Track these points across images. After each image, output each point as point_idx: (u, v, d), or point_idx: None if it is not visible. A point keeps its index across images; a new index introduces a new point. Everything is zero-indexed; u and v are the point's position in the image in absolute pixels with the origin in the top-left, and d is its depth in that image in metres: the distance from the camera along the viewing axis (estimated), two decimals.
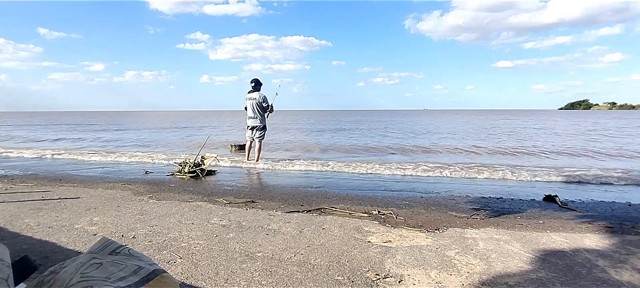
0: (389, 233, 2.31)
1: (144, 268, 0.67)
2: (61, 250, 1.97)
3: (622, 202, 3.42)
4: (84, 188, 3.72)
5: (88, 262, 0.65)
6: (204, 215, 2.71)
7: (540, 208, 3.14)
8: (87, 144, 10.51)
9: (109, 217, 2.64)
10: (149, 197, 3.32)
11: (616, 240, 2.21)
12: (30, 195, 3.36)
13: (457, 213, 2.92)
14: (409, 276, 1.69)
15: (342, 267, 1.78)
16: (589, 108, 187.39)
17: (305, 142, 10.77)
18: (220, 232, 2.31)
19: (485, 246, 2.08)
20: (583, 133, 13.96)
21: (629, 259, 1.90)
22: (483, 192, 3.87)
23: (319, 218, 2.65)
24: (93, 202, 3.09)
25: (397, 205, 3.15)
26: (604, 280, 1.65)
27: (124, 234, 2.25)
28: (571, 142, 10.53)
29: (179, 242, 2.11)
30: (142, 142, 10.93)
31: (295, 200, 3.32)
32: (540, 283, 1.62)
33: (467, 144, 10.02)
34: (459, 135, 12.87)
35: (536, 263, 1.84)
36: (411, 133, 14.31)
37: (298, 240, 2.17)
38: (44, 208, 2.85)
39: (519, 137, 12.11)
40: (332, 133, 14.61)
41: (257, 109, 5.87)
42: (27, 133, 14.94)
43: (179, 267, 1.75)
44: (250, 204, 3.10)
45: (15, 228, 2.36)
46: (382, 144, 10.12)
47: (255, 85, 5.92)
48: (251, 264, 1.80)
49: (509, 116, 42.28)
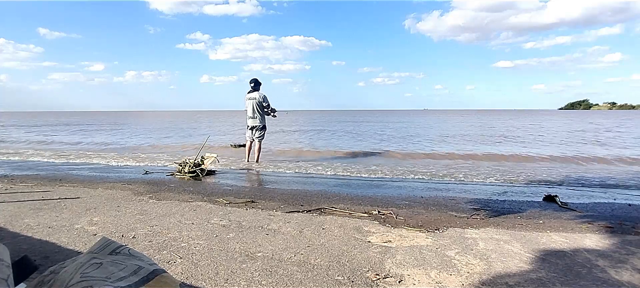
0: (389, 233, 2.31)
1: (144, 268, 0.66)
2: (61, 250, 1.97)
3: (622, 202, 3.42)
4: (84, 188, 3.71)
5: (88, 262, 0.65)
6: (204, 215, 2.71)
7: (540, 208, 3.14)
8: (88, 144, 10.51)
9: (109, 217, 2.64)
10: (149, 197, 3.32)
11: (616, 240, 2.21)
12: (30, 195, 3.36)
13: (457, 213, 2.92)
14: (409, 276, 1.69)
15: (342, 267, 1.78)
16: (589, 108, 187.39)
17: (305, 142, 10.77)
18: (220, 232, 2.31)
19: (485, 246, 2.08)
20: (583, 133, 13.96)
21: (629, 259, 1.90)
22: (483, 192, 3.88)
23: (319, 218, 2.65)
24: (93, 202, 3.09)
25: (397, 205, 3.15)
26: (604, 280, 1.65)
27: (124, 234, 2.25)
28: (571, 141, 10.53)
29: (179, 242, 2.11)
30: (142, 142, 10.93)
31: (295, 200, 3.32)
32: (540, 283, 1.62)
33: (467, 144, 10.02)
34: (458, 136, 12.87)
35: (536, 263, 1.84)
36: (412, 133, 14.31)
37: (298, 240, 2.17)
38: (44, 208, 2.85)
39: (519, 137, 12.11)
40: (332, 133, 14.61)
41: (257, 108, 5.87)
42: (26, 133, 14.94)
43: (179, 267, 1.75)
44: (250, 204, 3.10)
45: (15, 228, 2.35)
46: (383, 145, 10.12)
47: (255, 85, 5.92)
48: (251, 264, 1.80)
49: (509, 116, 42.27)
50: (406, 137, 12.21)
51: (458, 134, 13.74)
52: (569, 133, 14.08)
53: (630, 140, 11.03)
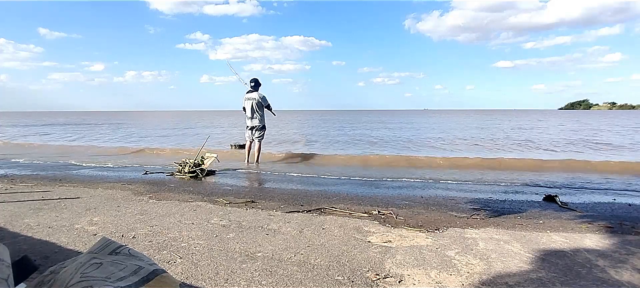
0: (389, 233, 2.31)
1: (144, 268, 0.67)
2: (61, 250, 1.97)
3: (622, 202, 3.42)
4: (84, 188, 3.71)
5: (88, 262, 0.65)
6: (204, 215, 2.71)
7: (540, 208, 3.14)
8: (87, 144, 10.50)
9: (109, 217, 2.64)
10: (149, 197, 3.32)
11: (616, 240, 2.21)
12: (30, 195, 3.36)
13: (457, 213, 2.92)
14: (409, 276, 1.69)
15: (342, 267, 1.78)
16: (589, 108, 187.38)
17: (305, 142, 10.77)
18: (220, 232, 2.31)
19: (485, 246, 2.08)
20: (582, 133, 13.96)
21: (629, 259, 1.90)
22: (483, 192, 3.88)
23: (319, 218, 2.65)
24: (93, 202, 3.09)
25: (397, 205, 3.15)
26: (604, 280, 1.65)
27: (124, 234, 2.25)
28: (571, 141, 10.53)
29: (179, 242, 2.11)
30: (142, 142, 10.93)
31: (295, 200, 3.32)
32: (540, 283, 1.62)
33: (467, 143, 10.01)
34: (459, 136, 12.87)
35: (536, 263, 1.84)
36: (414, 134, 14.31)
37: (298, 240, 2.17)
38: (44, 208, 2.85)
39: (519, 137, 12.10)
40: (332, 133, 14.61)
41: (256, 108, 5.87)
42: (26, 133, 14.93)
43: (179, 267, 1.75)
44: (250, 204, 3.10)
45: (15, 228, 2.35)
46: (383, 145, 10.11)
47: (255, 85, 5.92)
48: (251, 264, 1.80)
49: (510, 116, 42.27)
50: (408, 138, 12.20)
51: (459, 135, 13.74)
52: (571, 133, 14.08)
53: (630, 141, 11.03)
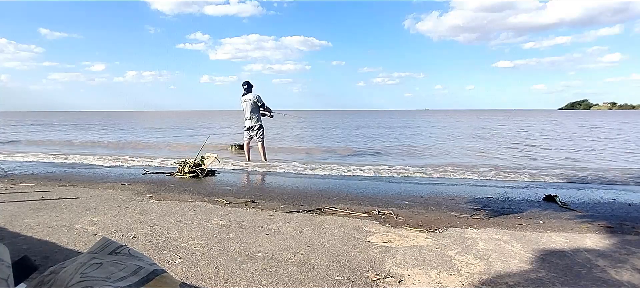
0: (389, 233, 2.31)
1: (144, 268, 0.66)
2: (61, 250, 1.97)
3: (622, 202, 3.41)
4: (84, 188, 3.71)
5: (88, 262, 0.65)
6: (204, 215, 2.71)
7: (540, 208, 3.14)
8: (87, 144, 10.51)
9: (109, 217, 2.64)
10: (149, 197, 3.32)
11: (616, 240, 2.21)
12: (30, 195, 3.36)
13: (457, 213, 2.92)
14: (409, 276, 1.69)
15: (342, 267, 1.78)
16: (589, 108, 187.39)
17: (305, 142, 10.77)
18: (220, 232, 2.31)
19: (485, 246, 2.08)
20: (582, 132, 13.96)
21: (629, 259, 1.90)
22: (483, 192, 3.87)
23: (319, 218, 2.65)
24: (93, 202, 3.09)
25: (397, 205, 3.15)
26: (604, 280, 1.65)
27: (124, 234, 2.25)
28: (570, 141, 10.53)
29: (179, 241, 2.11)
30: (142, 142, 10.93)
31: (295, 200, 3.32)
32: (540, 283, 1.62)
33: (467, 143, 10.02)
34: (459, 136, 12.87)
35: (536, 263, 1.84)
36: (415, 135, 14.31)
37: (298, 240, 2.17)
38: (44, 208, 2.85)
39: (519, 137, 12.10)
40: (332, 133, 14.61)
41: (252, 109, 5.93)
42: (26, 133, 14.93)
43: (179, 267, 1.75)
44: (250, 204, 3.10)
45: (15, 228, 2.35)
46: (384, 145, 10.11)
47: (248, 87, 6.01)
48: (251, 264, 1.80)
49: (510, 116, 42.26)
50: (409, 138, 12.20)
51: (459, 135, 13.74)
52: (572, 133, 14.08)
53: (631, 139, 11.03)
